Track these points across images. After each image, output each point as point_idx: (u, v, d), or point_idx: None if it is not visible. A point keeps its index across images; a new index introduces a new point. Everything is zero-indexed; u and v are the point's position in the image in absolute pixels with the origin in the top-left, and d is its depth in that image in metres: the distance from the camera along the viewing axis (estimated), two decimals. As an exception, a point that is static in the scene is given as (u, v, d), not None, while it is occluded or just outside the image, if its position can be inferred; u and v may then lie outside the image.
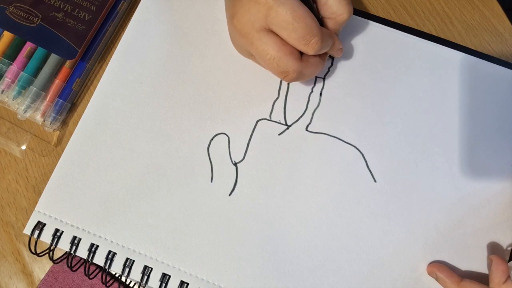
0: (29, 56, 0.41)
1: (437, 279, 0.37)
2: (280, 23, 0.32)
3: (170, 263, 0.37)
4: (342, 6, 0.35)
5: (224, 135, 0.40)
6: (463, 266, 0.38)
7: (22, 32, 0.40)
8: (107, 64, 0.42)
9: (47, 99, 0.40)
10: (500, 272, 0.33)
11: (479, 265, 0.37)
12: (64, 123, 0.42)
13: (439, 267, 0.37)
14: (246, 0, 0.33)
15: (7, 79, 0.40)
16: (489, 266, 0.35)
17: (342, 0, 0.35)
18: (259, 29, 0.33)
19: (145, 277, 0.37)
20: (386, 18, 0.43)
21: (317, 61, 0.36)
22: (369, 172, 0.39)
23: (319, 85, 0.41)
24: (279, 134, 0.40)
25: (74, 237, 0.38)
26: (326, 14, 0.36)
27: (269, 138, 0.40)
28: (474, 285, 0.35)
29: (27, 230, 0.38)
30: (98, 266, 0.38)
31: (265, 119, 0.40)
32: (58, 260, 0.38)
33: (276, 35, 0.33)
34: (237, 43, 0.38)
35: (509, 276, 0.33)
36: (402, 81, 0.41)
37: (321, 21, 0.36)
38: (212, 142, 0.40)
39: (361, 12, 0.42)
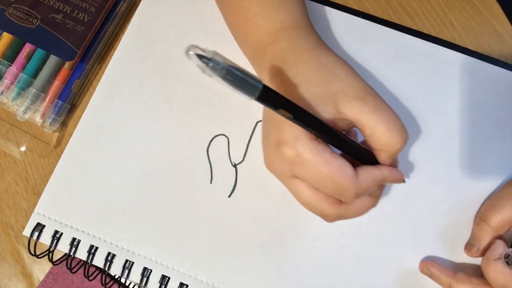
0: (29, 57, 0.41)
1: (430, 275, 0.37)
2: (307, 179, 0.30)
3: (169, 265, 0.37)
4: (393, 136, 0.30)
5: (224, 137, 0.40)
6: (463, 266, 0.38)
7: (22, 33, 0.40)
8: (106, 65, 0.41)
9: (47, 100, 0.40)
10: (495, 251, 0.34)
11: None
12: (64, 124, 0.42)
13: (430, 263, 0.37)
14: (271, 149, 0.31)
15: (6, 81, 0.40)
16: None
17: (392, 128, 0.30)
18: (288, 176, 0.31)
19: (145, 279, 0.37)
20: (386, 19, 0.43)
21: (362, 203, 0.32)
22: (368, 174, 0.39)
23: (318, 86, 0.41)
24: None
25: (74, 239, 0.38)
26: (376, 146, 0.31)
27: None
28: (468, 276, 0.35)
29: (27, 232, 0.38)
30: (97, 268, 0.38)
31: (265, 120, 0.40)
32: (58, 262, 0.38)
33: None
34: None
35: (501, 258, 0.34)
36: (401, 82, 0.41)
37: (370, 153, 0.32)
38: (212, 143, 0.40)
39: (361, 13, 0.42)
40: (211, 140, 0.40)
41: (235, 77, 0.22)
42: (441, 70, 0.41)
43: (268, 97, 0.25)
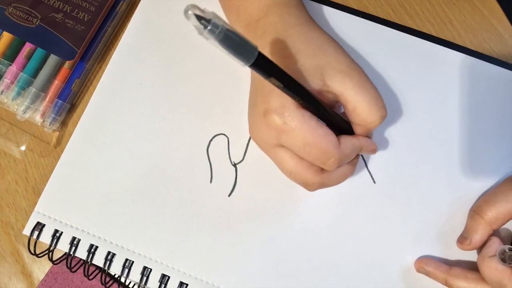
0: (29, 57, 0.41)
1: (426, 273, 0.37)
2: (292, 146, 0.31)
3: (169, 264, 0.37)
4: (373, 113, 0.32)
5: (224, 136, 0.40)
6: (461, 264, 0.38)
7: (22, 32, 0.40)
8: (106, 65, 0.42)
9: (47, 100, 0.40)
10: (490, 248, 0.34)
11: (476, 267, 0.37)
12: (64, 123, 0.42)
13: (425, 261, 0.37)
14: (258, 119, 0.32)
15: (6, 80, 0.40)
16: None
17: (373, 105, 0.31)
18: (273, 145, 0.32)
19: (145, 278, 0.37)
20: (386, 18, 0.43)
21: (343, 171, 0.34)
22: (368, 173, 0.39)
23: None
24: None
25: (74, 238, 0.38)
26: (356, 120, 0.33)
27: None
28: (463, 271, 0.35)
29: (27, 231, 0.38)
30: (97, 267, 0.38)
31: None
32: (58, 261, 0.38)
33: (291, 150, 0.32)
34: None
35: (496, 254, 0.34)
36: (401, 81, 0.41)
37: (348, 125, 0.34)
38: (212, 142, 0.40)
39: (361, 13, 0.42)
40: (211, 140, 0.40)
41: (233, 41, 0.22)
42: (441, 70, 0.41)
43: (262, 64, 0.25)
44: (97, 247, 0.38)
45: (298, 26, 0.34)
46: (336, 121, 0.33)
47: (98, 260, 0.38)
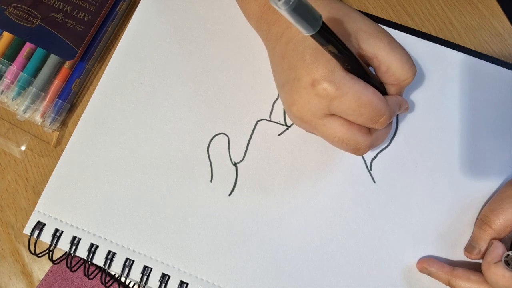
0: (29, 57, 0.41)
1: (429, 274, 0.37)
2: (345, 110, 0.31)
3: (169, 263, 0.37)
4: (406, 71, 0.33)
5: (224, 135, 0.40)
6: (463, 265, 0.38)
7: (22, 32, 0.40)
8: (106, 65, 0.42)
9: (47, 100, 0.40)
10: (494, 254, 0.34)
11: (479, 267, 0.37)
12: (64, 123, 0.42)
13: (428, 261, 0.37)
14: (304, 92, 0.32)
15: (6, 80, 0.40)
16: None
17: (405, 64, 0.33)
18: (322, 116, 0.32)
19: (145, 277, 0.37)
20: (386, 18, 0.43)
21: (387, 128, 0.35)
22: (368, 173, 0.39)
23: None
24: (278, 135, 0.40)
25: (74, 237, 0.38)
26: (389, 81, 0.34)
27: (269, 138, 0.40)
28: (466, 272, 0.35)
29: (27, 230, 0.38)
30: (97, 267, 0.38)
31: (265, 119, 0.40)
32: (58, 261, 0.38)
33: (341, 117, 0.32)
34: (298, 125, 0.36)
35: (501, 260, 0.33)
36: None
37: (382, 86, 0.35)
38: (212, 142, 0.40)
39: (360, 12, 0.42)
40: (212, 139, 0.40)
41: (303, 10, 0.23)
42: (440, 69, 0.41)
43: (324, 31, 0.26)
44: (97, 246, 0.38)
45: (319, 0, 0.34)
46: (376, 82, 0.33)
47: (99, 259, 0.37)
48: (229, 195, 0.39)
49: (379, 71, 0.33)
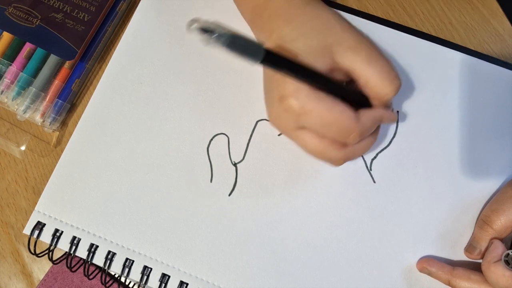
0: (29, 57, 0.41)
1: (429, 274, 0.37)
2: (312, 127, 0.31)
3: (169, 263, 0.37)
4: (385, 85, 0.32)
5: (224, 135, 0.40)
6: (463, 265, 0.38)
7: (22, 32, 0.40)
8: (106, 65, 0.42)
9: (47, 100, 0.40)
10: (494, 253, 0.34)
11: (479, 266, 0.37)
12: (64, 123, 0.42)
13: (428, 261, 0.37)
14: (276, 105, 0.32)
15: (6, 80, 0.40)
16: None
17: (385, 78, 0.32)
18: (293, 128, 0.32)
19: (145, 277, 0.37)
20: (386, 18, 0.43)
21: (365, 142, 0.34)
22: (368, 173, 0.39)
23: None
24: (278, 135, 0.40)
25: (74, 237, 0.38)
26: (370, 94, 0.33)
27: (269, 138, 0.40)
28: (466, 271, 0.35)
29: (27, 230, 0.38)
30: (97, 267, 0.38)
31: (265, 119, 0.40)
32: (58, 261, 0.38)
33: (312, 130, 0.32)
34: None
35: (501, 259, 0.33)
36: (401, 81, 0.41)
37: (365, 98, 0.34)
38: (212, 142, 0.40)
39: (361, 13, 0.42)
40: (211, 139, 0.40)
41: (239, 44, 0.23)
42: (440, 70, 0.41)
43: (270, 60, 0.26)
44: (97, 246, 0.38)
45: (303, 7, 0.34)
46: (353, 96, 0.33)
47: (99, 259, 0.37)
48: (229, 195, 0.39)
49: (359, 84, 0.33)
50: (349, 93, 0.32)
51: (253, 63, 0.25)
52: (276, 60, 0.26)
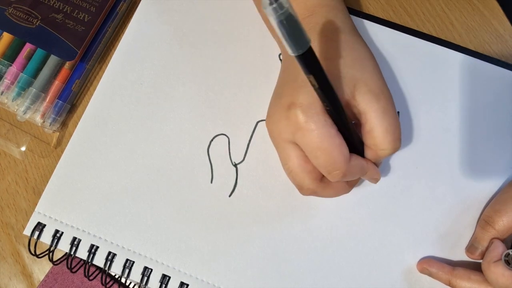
0: (29, 57, 0.41)
1: (430, 274, 0.37)
2: (305, 145, 0.31)
3: (170, 264, 0.37)
4: (387, 141, 0.31)
5: (224, 136, 0.40)
6: (463, 265, 0.38)
7: (22, 33, 0.40)
8: (106, 65, 0.41)
9: (47, 100, 0.40)
10: (494, 253, 0.34)
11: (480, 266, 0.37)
12: (64, 124, 0.42)
13: (428, 262, 0.37)
14: (280, 110, 0.32)
15: (6, 80, 0.40)
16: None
17: (390, 134, 0.31)
18: (285, 140, 0.32)
19: (145, 278, 0.37)
20: (386, 19, 0.43)
21: (340, 187, 0.34)
22: (369, 173, 0.39)
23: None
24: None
25: (74, 238, 0.38)
26: (368, 143, 0.32)
27: (269, 139, 0.40)
28: (467, 272, 0.35)
29: (27, 231, 0.38)
30: (97, 268, 0.38)
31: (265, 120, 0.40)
32: (58, 262, 0.38)
33: (301, 150, 0.32)
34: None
35: (501, 259, 0.33)
36: (401, 82, 0.41)
37: (362, 146, 0.33)
38: (212, 143, 0.40)
39: (361, 13, 0.42)
40: (212, 140, 0.40)
41: (291, 26, 0.22)
42: (441, 70, 0.41)
43: (309, 58, 0.25)
44: (97, 247, 0.38)
45: (343, 33, 0.34)
46: (353, 138, 0.32)
47: (99, 260, 0.37)
48: (230, 196, 0.39)
49: (363, 129, 0.32)
50: (352, 133, 0.32)
51: (293, 51, 0.24)
52: (312, 61, 0.25)
